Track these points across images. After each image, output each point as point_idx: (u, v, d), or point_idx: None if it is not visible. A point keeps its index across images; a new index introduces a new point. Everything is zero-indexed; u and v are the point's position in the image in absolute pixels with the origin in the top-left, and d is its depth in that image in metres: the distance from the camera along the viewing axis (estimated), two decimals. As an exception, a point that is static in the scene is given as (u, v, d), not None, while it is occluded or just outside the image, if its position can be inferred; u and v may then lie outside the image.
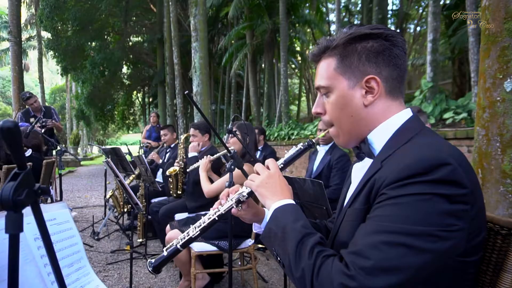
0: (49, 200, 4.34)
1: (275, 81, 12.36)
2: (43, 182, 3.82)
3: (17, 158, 0.71)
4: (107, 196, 4.68)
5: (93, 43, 17.35)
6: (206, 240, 2.55)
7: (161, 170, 5.00)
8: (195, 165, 3.18)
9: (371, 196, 0.82)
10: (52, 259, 0.85)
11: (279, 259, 0.89)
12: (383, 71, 0.91)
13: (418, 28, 21.29)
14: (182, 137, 4.07)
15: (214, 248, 2.53)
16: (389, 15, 13.68)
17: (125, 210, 4.62)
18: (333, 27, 23.01)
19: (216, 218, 1.13)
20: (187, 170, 3.47)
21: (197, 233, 1.15)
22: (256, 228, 1.27)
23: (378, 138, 0.93)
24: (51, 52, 18.73)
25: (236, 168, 2.19)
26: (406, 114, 0.94)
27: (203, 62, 6.82)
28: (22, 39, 14.90)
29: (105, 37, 18.08)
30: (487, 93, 1.57)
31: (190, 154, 3.52)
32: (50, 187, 4.43)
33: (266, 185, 1.00)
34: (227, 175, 2.63)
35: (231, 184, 2.17)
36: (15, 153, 0.71)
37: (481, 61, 1.61)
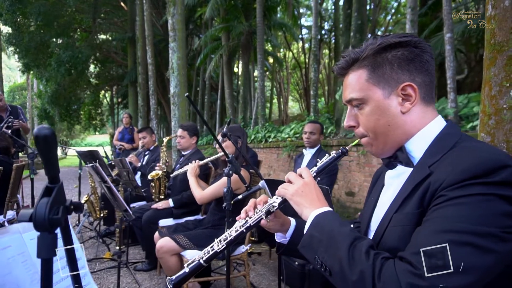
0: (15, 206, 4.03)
1: (251, 83, 12.33)
2: (13, 188, 3.54)
3: (50, 170, 0.62)
4: (82, 201, 4.43)
5: (59, 40, 16.54)
6: (199, 248, 2.45)
7: (139, 173, 4.81)
8: (182, 170, 3.07)
9: (425, 199, 0.81)
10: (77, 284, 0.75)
11: (324, 266, 0.84)
12: (417, 77, 0.92)
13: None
14: (165, 139, 3.93)
15: (208, 256, 2.44)
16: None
17: (101, 215, 4.40)
18: (304, 31, 23.39)
19: (244, 231, 1.07)
20: (171, 175, 3.35)
21: (223, 247, 1.08)
22: (280, 238, 1.22)
23: (418, 146, 0.92)
24: (11, 48, 17.67)
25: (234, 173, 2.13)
26: (442, 120, 0.95)
27: (181, 63, 6.65)
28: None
29: (72, 34, 17.29)
30: (492, 101, 1.61)
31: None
32: (17, 194, 4.14)
33: (302, 194, 0.97)
34: (222, 180, 2.55)
35: (229, 189, 2.10)
36: (49, 164, 0.61)
37: (486, 69, 1.65)
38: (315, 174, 1.04)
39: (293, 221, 1.18)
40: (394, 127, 0.92)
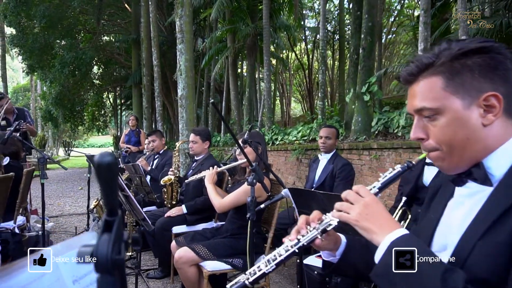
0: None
1: (256, 85, 12.26)
2: (23, 192, 3.48)
3: (110, 201, 0.54)
4: (91, 206, 4.36)
5: (63, 42, 16.51)
6: (218, 258, 2.37)
7: (149, 177, 4.73)
8: (198, 176, 2.97)
9: None
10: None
11: None
12: (500, 87, 0.82)
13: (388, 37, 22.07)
14: (178, 144, 3.85)
15: (228, 267, 2.36)
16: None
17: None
18: (307, 33, 23.34)
19: (296, 251, 0.98)
20: (186, 181, 3.27)
21: (273, 268, 1.00)
22: (328, 256, 1.13)
23: (499, 162, 0.83)
24: (15, 49, 17.67)
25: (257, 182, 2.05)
26: None
27: (188, 65, 6.57)
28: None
29: (76, 35, 17.26)
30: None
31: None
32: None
33: (367, 217, 0.87)
34: (242, 188, 2.46)
35: (253, 199, 2.02)
36: (109, 194, 0.53)
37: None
38: (377, 190, 0.95)
39: (343, 238, 1.10)
40: (474, 141, 0.83)
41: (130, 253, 3.89)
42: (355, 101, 6.22)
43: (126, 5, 16.85)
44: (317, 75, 24.07)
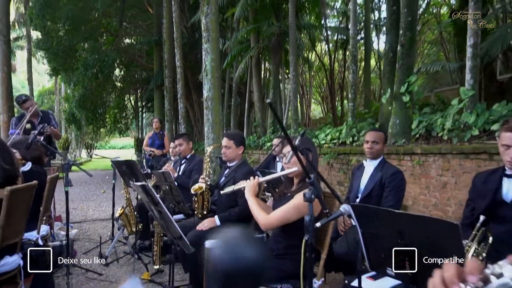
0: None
1: (280, 86, 11.93)
2: (47, 200, 3.26)
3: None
4: (117, 214, 4.13)
5: (86, 44, 16.69)
6: (263, 283, 2.05)
7: (176, 184, 4.47)
8: (235, 187, 2.63)
9: None
10: None
11: None
12: None
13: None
14: (209, 149, 3.57)
15: (276, 294, 2.04)
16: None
17: (137, 229, 4.09)
18: (329, 33, 22.77)
19: None
20: (221, 192, 2.97)
21: None
22: None
23: None
24: (40, 53, 18.00)
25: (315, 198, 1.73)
26: None
27: (214, 65, 6.31)
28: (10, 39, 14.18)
29: (99, 38, 17.42)
30: None
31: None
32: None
33: None
34: (294, 203, 2.13)
35: (312, 218, 1.70)
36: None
37: None
38: None
39: None
40: None
41: (157, 266, 3.63)
42: (392, 102, 5.80)
43: (147, 6, 16.86)
44: (337, 76, 23.51)
